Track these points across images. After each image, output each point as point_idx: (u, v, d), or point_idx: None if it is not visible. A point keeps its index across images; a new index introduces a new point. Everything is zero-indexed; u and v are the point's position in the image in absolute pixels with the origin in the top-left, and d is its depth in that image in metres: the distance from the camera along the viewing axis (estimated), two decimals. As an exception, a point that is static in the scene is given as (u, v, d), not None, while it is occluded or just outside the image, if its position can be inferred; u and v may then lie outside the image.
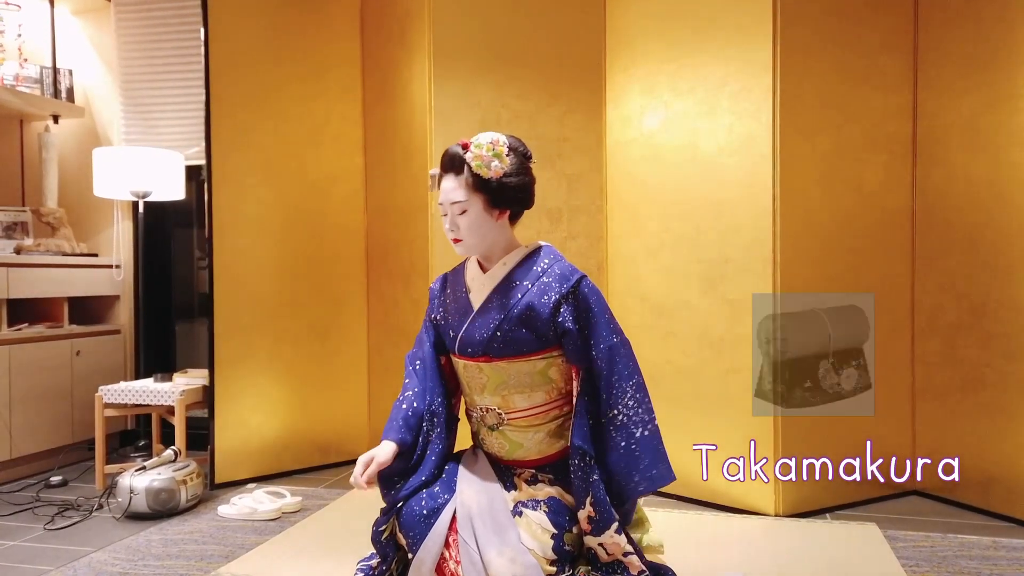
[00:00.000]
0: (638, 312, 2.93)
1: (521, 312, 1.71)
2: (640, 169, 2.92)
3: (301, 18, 3.25)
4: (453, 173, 1.73)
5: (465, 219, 1.72)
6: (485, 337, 1.73)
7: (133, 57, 3.75)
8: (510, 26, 2.96)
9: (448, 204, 1.73)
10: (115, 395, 3.06)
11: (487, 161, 1.68)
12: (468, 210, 1.71)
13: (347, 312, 3.41)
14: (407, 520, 1.68)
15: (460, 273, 1.89)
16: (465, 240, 1.74)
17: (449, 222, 1.74)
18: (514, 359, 1.74)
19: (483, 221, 1.72)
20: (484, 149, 1.68)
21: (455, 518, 1.66)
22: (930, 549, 2.28)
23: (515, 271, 1.77)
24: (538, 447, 1.81)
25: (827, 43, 2.65)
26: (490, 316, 1.74)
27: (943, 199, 2.74)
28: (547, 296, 1.70)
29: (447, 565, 1.63)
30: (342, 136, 3.38)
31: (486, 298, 1.77)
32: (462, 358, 1.82)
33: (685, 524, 2.55)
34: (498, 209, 1.74)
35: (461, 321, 1.79)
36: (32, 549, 2.39)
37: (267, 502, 2.70)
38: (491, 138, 1.70)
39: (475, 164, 1.68)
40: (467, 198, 1.70)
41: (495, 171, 1.68)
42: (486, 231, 1.74)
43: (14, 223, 3.63)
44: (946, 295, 2.74)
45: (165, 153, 3.45)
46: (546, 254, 1.79)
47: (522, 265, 1.77)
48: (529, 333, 1.71)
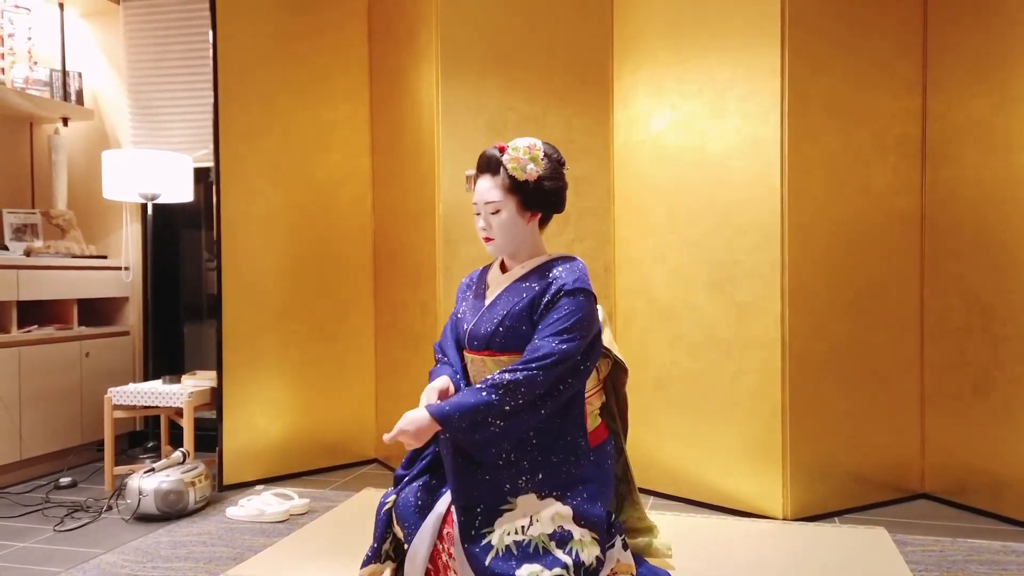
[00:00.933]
0: (645, 314, 2.93)
1: (523, 308, 1.75)
2: (648, 171, 2.92)
3: (309, 22, 3.27)
4: (489, 174, 1.78)
5: (498, 219, 1.77)
6: (489, 331, 1.77)
7: (141, 60, 3.77)
8: (517, 29, 2.96)
9: (482, 204, 1.78)
10: (124, 397, 3.07)
11: (523, 164, 1.73)
12: (502, 210, 1.76)
13: (354, 314, 3.42)
14: (402, 511, 1.72)
15: (485, 272, 1.96)
16: (496, 239, 1.79)
17: (483, 221, 1.79)
18: (514, 354, 1.76)
19: (515, 222, 1.77)
20: (521, 152, 1.74)
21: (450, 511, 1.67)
22: (939, 553, 2.27)
23: (530, 273, 1.80)
24: None
25: (835, 46, 2.65)
26: (496, 311, 1.79)
27: (952, 201, 2.73)
28: (546, 295, 1.72)
29: (440, 557, 1.65)
30: (350, 139, 3.39)
31: (497, 295, 1.81)
32: (469, 352, 1.84)
33: (693, 527, 2.55)
34: (530, 211, 1.79)
35: (473, 315, 1.85)
36: (42, 551, 2.40)
37: (275, 504, 2.71)
38: (528, 142, 1.75)
39: (511, 166, 1.73)
40: (501, 199, 1.75)
41: (530, 174, 1.73)
42: (516, 232, 1.79)
43: (24, 225, 3.65)
44: (955, 298, 2.73)
45: (173, 156, 3.47)
46: (564, 261, 1.82)
47: (538, 268, 1.80)
48: (529, 329, 1.74)
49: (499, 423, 1.63)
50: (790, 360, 2.58)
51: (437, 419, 1.62)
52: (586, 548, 1.60)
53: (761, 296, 2.62)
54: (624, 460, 1.93)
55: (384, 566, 1.78)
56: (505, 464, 1.66)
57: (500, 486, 1.64)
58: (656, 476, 2.89)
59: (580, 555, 1.58)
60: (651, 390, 2.89)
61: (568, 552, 1.58)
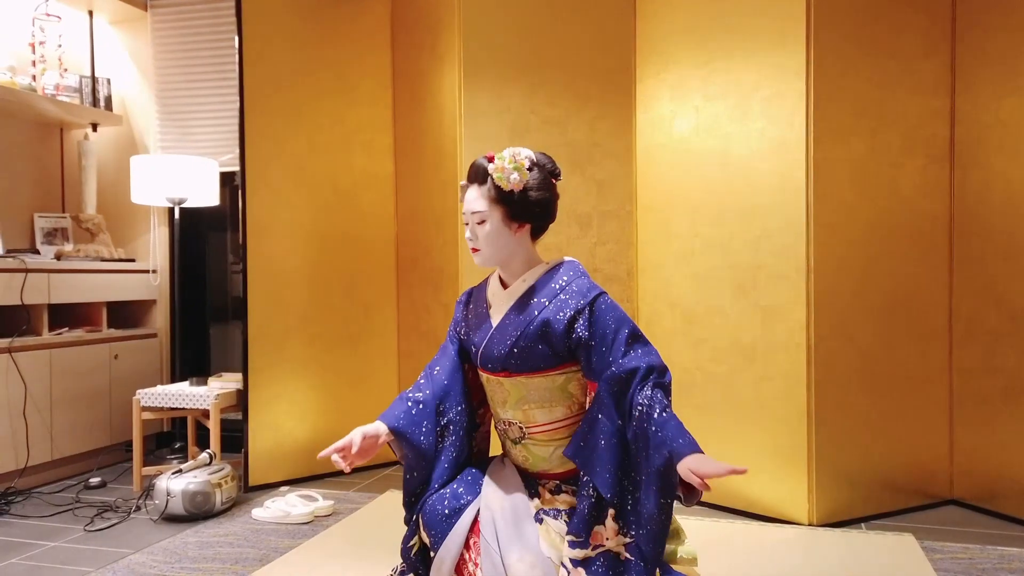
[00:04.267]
0: (668, 318, 2.91)
1: (537, 328, 1.72)
2: (671, 174, 2.91)
3: (333, 28, 3.29)
4: (477, 184, 1.76)
5: (483, 229, 1.75)
6: (503, 353, 1.75)
7: (169, 66, 3.83)
8: (540, 32, 2.96)
9: (469, 214, 1.77)
10: (152, 398, 3.12)
11: (507, 174, 1.71)
12: (487, 220, 1.74)
13: (378, 317, 3.44)
14: (429, 518, 1.71)
15: (483, 289, 1.91)
16: (483, 250, 1.77)
17: (470, 231, 1.78)
18: (533, 375, 1.75)
19: (500, 233, 1.75)
20: (506, 162, 1.71)
21: (477, 520, 1.68)
22: (969, 561, 2.24)
23: (534, 287, 1.78)
24: (560, 461, 1.80)
25: (862, 47, 2.62)
26: (507, 332, 1.76)
27: (981, 203, 2.69)
28: (563, 312, 1.71)
29: (467, 566, 1.65)
30: (373, 143, 3.41)
31: (504, 314, 1.79)
32: (484, 372, 1.83)
33: (718, 533, 2.54)
34: (517, 222, 1.76)
35: (481, 337, 1.82)
36: (73, 550, 2.45)
37: (300, 505, 2.74)
38: (513, 152, 1.73)
39: (496, 176, 1.71)
40: (487, 208, 1.74)
41: (514, 183, 1.71)
42: (503, 243, 1.76)
43: (55, 229, 3.72)
44: (985, 301, 2.69)
45: (200, 160, 3.51)
46: (567, 270, 1.79)
47: (541, 281, 1.78)
48: (546, 348, 1.72)
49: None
50: (816, 364, 2.56)
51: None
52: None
53: (786, 300, 2.60)
54: None
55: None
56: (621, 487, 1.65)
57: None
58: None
59: None
60: (675, 394, 2.84)
61: None
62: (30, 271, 3.14)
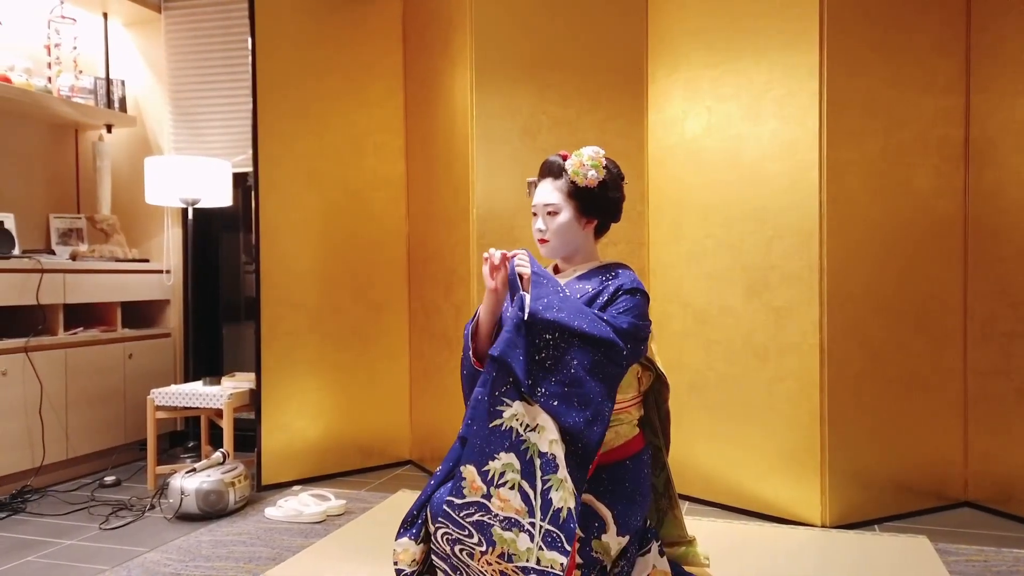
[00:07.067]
0: (680, 319, 2.91)
1: (583, 300, 1.77)
2: (682, 174, 2.90)
3: (345, 29, 3.31)
4: (551, 178, 1.83)
5: (555, 221, 1.81)
6: None
7: (182, 68, 3.85)
8: (551, 33, 2.97)
9: (541, 206, 1.83)
10: (166, 398, 3.14)
11: (585, 170, 1.78)
12: (559, 213, 1.80)
13: (389, 317, 3.45)
14: (436, 510, 1.70)
15: None
16: (551, 241, 1.83)
17: (541, 223, 1.84)
18: None
19: (571, 226, 1.82)
20: (584, 158, 1.78)
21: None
22: (983, 564, 2.22)
23: (582, 276, 1.84)
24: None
25: (875, 47, 2.60)
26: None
27: (996, 203, 2.67)
28: (604, 294, 1.76)
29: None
30: (384, 144, 3.42)
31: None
32: None
33: (730, 534, 2.53)
34: (587, 218, 1.83)
35: None
36: (88, 548, 2.47)
37: (312, 505, 2.75)
38: (592, 151, 1.80)
39: (573, 171, 1.78)
40: (560, 202, 1.80)
41: (591, 180, 1.78)
42: (571, 236, 1.83)
43: (70, 230, 3.75)
44: (1000, 302, 2.67)
45: (213, 161, 3.54)
46: (619, 267, 1.85)
47: (594, 271, 1.84)
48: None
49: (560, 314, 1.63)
50: (829, 365, 2.55)
51: (535, 272, 1.68)
52: (561, 489, 1.54)
53: (799, 300, 2.59)
54: (666, 476, 1.92)
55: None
56: (539, 365, 1.62)
57: (532, 379, 1.61)
58: (692, 481, 2.87)
59: (551, 493, 1.53)
60: (686, 395, 2.87)
61: (544, 482, 1.54)
62: (46, 271, 3.17)
